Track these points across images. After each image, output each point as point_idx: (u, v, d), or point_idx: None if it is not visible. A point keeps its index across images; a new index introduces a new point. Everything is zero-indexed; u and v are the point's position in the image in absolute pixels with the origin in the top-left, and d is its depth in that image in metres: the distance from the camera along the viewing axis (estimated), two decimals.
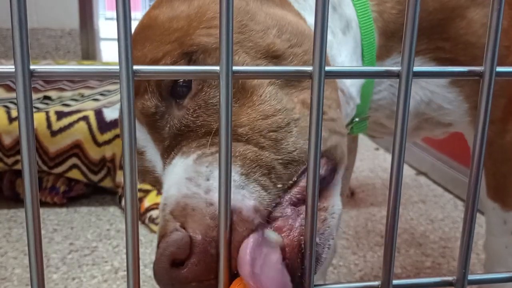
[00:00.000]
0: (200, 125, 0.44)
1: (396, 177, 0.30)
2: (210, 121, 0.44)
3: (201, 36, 0.45)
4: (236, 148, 0.42)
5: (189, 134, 0.44)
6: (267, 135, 0.43)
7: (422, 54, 0.61)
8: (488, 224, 0.72)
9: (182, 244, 0.37)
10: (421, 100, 0.63)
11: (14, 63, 0.25)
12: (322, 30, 0.27)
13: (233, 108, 0.41)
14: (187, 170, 0.42)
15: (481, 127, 0.31)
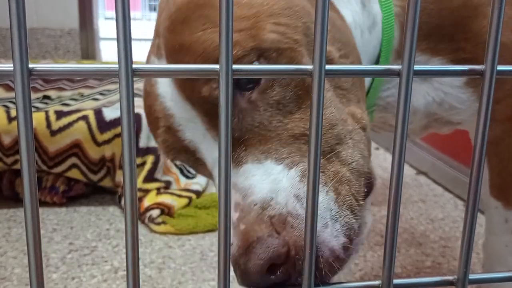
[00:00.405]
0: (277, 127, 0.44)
1: (397, 177, 0.30)
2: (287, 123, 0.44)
3: (273, 33, 0.43)
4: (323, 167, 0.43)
5: (265, 134, 0.44)
6: (333, 147, 0.45)
7: (442, 54, 0.60)
8: (489, 223, 0.72)
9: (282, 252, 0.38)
10: (433, 101, 0.62)
11: (13, 62, 0.25)
12: (322, 30, 0.27)
13: (301, 110, 0.44)
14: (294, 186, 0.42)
15: (481, 126, 0.30)
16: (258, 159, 0.43)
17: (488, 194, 0.71)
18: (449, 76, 0.57)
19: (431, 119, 0.66)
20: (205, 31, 0.43)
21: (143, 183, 1.24)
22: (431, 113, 0.64)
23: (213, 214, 1.18)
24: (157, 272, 0.95)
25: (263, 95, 0.44)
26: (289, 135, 0.44)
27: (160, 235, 1.10)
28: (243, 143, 0.44)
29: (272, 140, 0.44)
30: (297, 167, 0.43)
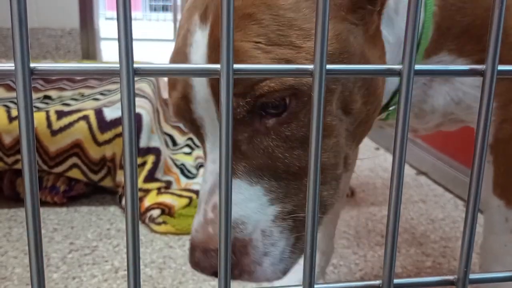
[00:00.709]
0: (277, 158, 0.47)
1: (397, 177, 0.30)
2: (286, 157, 0.47)
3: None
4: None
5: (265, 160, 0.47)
6: (325, 181, 0.49)
7: (468, 55, 0.60)
8: (489, 222, 0.72)
9: None
10: (451, 100, 0.63)
11: (14, 61, 0.25)
12: (323, 29, 0.27)
13: (302, 149, 0.47)
14: (266, 222, 0.47)
15: (482, 126, 0.30)
16: (251, 180, 0.47)
17: (490, 193, 0.70)
18: (450, 76, 0.57)
19: (446, 119, 0.67)
20: (257, 46, 0.43)
21: (144, 183, 1.24)
22: (448, 113, 0.65)
23: None
24: (158, 272, 0.95)
25: (280, 125, 0.46)
26: (284, 170, 0.47)
27: (161, 235, 1.10)
28: (244, 158, 0.47)
29: (269, 169, 0.47)
30: (277, 206, 0.47)
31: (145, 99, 1.40)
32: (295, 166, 0.47)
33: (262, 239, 0.47)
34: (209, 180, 0.48)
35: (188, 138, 1.68)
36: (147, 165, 1.26)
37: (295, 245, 0.48)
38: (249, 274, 0.47)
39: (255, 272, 0.47)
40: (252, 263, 0.47)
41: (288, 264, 0.48)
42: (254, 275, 0.47)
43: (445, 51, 0.60)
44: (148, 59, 3.66)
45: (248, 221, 0.46)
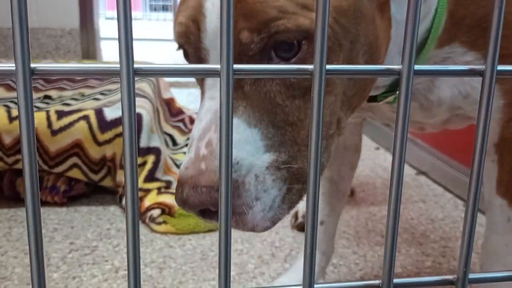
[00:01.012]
0: (278, 104, 0.46)
1: (397, 177, 0.30)
2: (286, 105, 0.46)
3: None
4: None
5: (266, 104, 0.46)
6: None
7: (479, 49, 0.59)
8: (491, 222, 0.71)
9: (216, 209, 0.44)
10: (458, 93, 0.62)
11: (15, 61, 0.25)
12: (323, 28, 0.27)
13: (303, 100, 0.47)
14: (260, 168, 0.46)
15: (482, 126, 0.30)
16: (249, 122, 0.45)
17: (493, 192, 0.70)
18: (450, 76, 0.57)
19: (453, 114, 0.66)
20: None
21: (144, 182, 1.24)
22: (455, 107, 0.64)
23: None
24: (158, 271, 0.95)
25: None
26: (283, 118, 0.46)
27: (161, 235, 1.10)
28: (246, 99, 0.46)
29: (268, 114, 0.46)
30: (272, 154, 0.46)
31: (145, 99, 1.40)
32: (294, 116, 0.47)
33: (255, 183, 0.45)
34: (205, 117, 0.46)
35: (188, 138, 1.68)
36: (147, 165, 1.27)
37: (286, 196, 0.47)
38: (239, 216, 0.45)
39: (245, 215, 0.45)
40: (243, 205, 0.45)
41: (277, 214, 0.47)
42: (243, 218, 0.45)
43: (457, 42, 0.59)
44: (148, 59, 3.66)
45: (243, 162, 0.45)
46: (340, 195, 0.86)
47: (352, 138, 0.83)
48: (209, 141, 0.45)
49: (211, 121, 0.46)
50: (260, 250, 1.04)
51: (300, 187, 0.48)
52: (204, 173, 0.44)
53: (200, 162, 0.45)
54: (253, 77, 0.45)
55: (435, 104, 0.64)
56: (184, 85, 2.89)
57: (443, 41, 0.59)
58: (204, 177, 0.44)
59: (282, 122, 0.46)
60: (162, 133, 1.53)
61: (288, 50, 0.45)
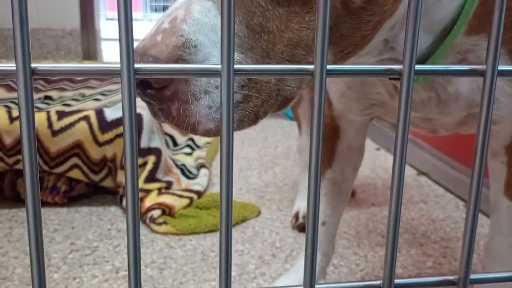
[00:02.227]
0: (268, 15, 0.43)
1: (398, 177, 0.30)
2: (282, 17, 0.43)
3: None
4: None
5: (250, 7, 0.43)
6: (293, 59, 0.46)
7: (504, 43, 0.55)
8: (496, 224, 0.71)
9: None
10: (477, 88, 0.59)
11: (15, 61, 0.25)
12: (323, 28, 0.27)
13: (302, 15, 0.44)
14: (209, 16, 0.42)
15: (483, 126, 0.30)
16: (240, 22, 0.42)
17: (501, 193, 0.69)
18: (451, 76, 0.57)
19: (470, 112, 0.62)
20: None
21: (144, 183, 1.24)
22: (473, 104, 0.61)
23: (214, 214, 1.18)
24: (158, 272, 0.95)
25: None
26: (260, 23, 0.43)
27: (161, 236, 1.10)
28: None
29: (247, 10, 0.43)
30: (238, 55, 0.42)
31: None
32: (273, 24, 0.43)
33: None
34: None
35: (189, 139, 1.68)
36: (148, 166, 1.27)
37: (241, 103, 0.43)
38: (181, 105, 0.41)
39: (188, 104, 0.41)
40: (189, 93, 0.41)
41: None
42: (186, 108, 0.41)
43: (485, 33, 0.55)
44: None
45: (201, 48, 0.41)
46: (343, 196, 0.86)
47: (357, 139, 0.82)
48: (174, 17, 0.42)
49: (185, 1, 0.43)
50: (260, 250, 1.04)
51: (259, 102, 0.44)
52: (157, 44, 0.41)
53: (158, 35, 0.41)
54: (253, 76, 0.44)
55: (452, 96, 0.60)
56: None
57: (472, 28, 0.55)
58: (155, 48, 0.41)
59: (259, 26, 0.43)
60: (163, 134, 1.53)
61: None
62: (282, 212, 1.24)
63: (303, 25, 0.44)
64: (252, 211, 1.22)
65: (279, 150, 1.79)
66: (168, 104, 0.42)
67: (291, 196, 1.34)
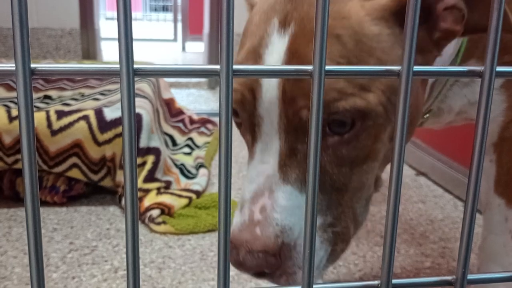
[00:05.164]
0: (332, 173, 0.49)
1: (396, 177, 0.30)
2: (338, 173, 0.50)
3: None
4: None
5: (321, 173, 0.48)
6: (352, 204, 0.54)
7: None
8: (489, 222, 0.72)
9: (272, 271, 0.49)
10: (467, 101, 0.67)
11: (15, 61, 0.25)
12: (322, 28, 0.27)
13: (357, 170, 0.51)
14: None
15: (481, 127, 0.31)
16: (301, 189, 0.48)
17: (491, 192, 0.70)
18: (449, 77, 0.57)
19: (458, 117, 0.70)
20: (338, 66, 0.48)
21: (144, 183, 1.24)
22: (462, 112, 0.69)
23: (213, 214, 1.18)
24: (157, 271, 0.95)
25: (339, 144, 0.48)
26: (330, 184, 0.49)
27: (160, 235, 1.10)
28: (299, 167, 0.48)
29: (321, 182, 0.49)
30: (320, 217, 0.49)
31: (145, 99, 1.40)
32: (340, 182, 0.50)
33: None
34: (257, 180, 0.49)
35: (188, 138, 1.68)
36: (147, 165, 1.27)
37: (330, 255, 0.51)
38: (289, 276, 0.48)
39: (295, 275, 0.48)
40: (294, 266, 0.48)
41: (321, 271, 0.52)
42: (293, 278, 0.48)
43: (474, 58, 0.63)
44: (149, 59, 3.66)
45: (295, 227, 0.47)
46: None
47: None
48: (263, 206, 0.47)
49: (264, 185, 0.48)
50: None
51: (343, 247, 0.52)
52: (260, 238, 0.47)
53: (254, 226, 0.47)
54: (253, 77, 0.45)
55: (445, 111, 0.68)
56: (184, 85, 2.89)
57: (464, 59, 0.63)
58: (260, 242, 0.46)
59: (330, 187, 0.49)
60: (162, 133, 1.53)
61: (342, 125, 0.48)
62: None
63: (363, 174, 0.51)
64: None
65: None
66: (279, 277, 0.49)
67: None
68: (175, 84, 2.82)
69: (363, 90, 0.47)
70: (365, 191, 0.53)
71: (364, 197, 0.53)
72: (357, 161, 0.50)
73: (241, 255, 0.47)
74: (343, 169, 0.49)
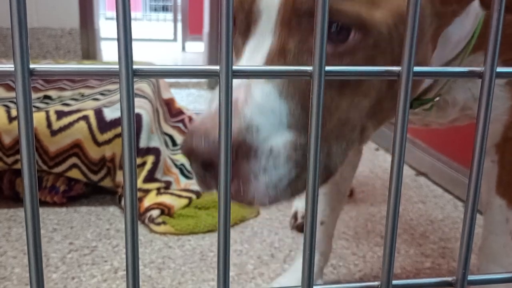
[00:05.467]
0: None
1: (396, 178, 0.30)
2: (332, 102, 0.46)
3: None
4: None
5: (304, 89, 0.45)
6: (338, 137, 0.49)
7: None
8: (489, 223, 0.72)
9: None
10: (471, 96, 0.64)
11: (14, 62, 0.25)
12: (322, 28, 0.27)
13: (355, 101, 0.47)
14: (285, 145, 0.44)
15: (481, 127, 0.30)
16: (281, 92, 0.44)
17: (493, 192, 0.70)
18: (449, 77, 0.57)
19: (463, 114, 0.68)
20: None
21: (143, 183, 1.24)
22: (466, 108, 0.66)
23: (213, 214, 1.18)
24: (157, 272, 0.95)
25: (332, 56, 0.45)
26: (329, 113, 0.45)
27: (160, 235, 1.10)
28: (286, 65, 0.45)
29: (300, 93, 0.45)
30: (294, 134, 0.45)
31: (145, 99, 1.40)
32: (325, 104, 0.46)
33: (267, 154, 0.44)
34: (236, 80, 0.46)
35: None
36: (147, 166, 1.26)
37: (293, 180, 0.46)
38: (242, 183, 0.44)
39: (248, 183, 0.44)
40: (249, 172, 0.43)
41: (279, 195, 0.45)
42: (245, 186, 0.44)
43: (482, 51, 0.61)
44: (149, 59, 3.66)
45: (262, 129, 0.43)
46: (341, 196, 0.86)
47: None
48: (235, 99, 0.43)
49: (243, 81, 0.44)
50: (259, 250, 1.04)
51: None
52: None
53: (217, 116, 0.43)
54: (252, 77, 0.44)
55: (450, 104, 0.66)
56: (184, 85, 2.89)
57: (474, 48, 0.61)
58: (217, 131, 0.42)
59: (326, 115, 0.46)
60: (162, 134, 1.53)
61: (339, 34, 0.44)
62: (281, 212, 1.24)
63: (350, 107, 0.47)
64: (251, 211, 1.22)
65: None
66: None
67: None
68: (175, 84, 2.82)
69: (372, 4, 0.44)
70: (348, 132, 0.48)
71: (345, 139, 0.48)
72: (347, 87, 0.46)
73: (195, 141, 0.42)
74: (331, 91, 0.46)
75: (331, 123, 0.46)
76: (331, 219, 0.87)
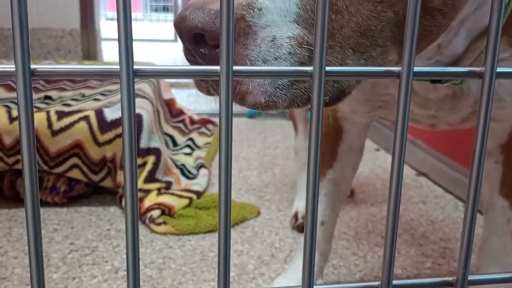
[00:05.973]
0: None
1: (397, 178, 0.30)
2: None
3: None
4: None
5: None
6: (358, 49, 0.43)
7: None
8: (491, 223, 0.71)
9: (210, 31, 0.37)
10: None
11: (15, 63, 0.25)
12: (322, 29, 0.27)
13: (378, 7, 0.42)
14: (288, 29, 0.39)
15: (481, 127, 0.31)
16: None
17: (496, 193, 0.70)
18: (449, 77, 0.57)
19: (474, 110, 0.63)
20: None
21: (144, 183, 1.24)
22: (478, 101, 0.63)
23: (214, 214, 1.18)
24: (158, 272, 0.95)
25: None
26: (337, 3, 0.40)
27: (161, 236, 1.10)
28: None
29: None
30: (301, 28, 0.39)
31: (145, 99, 1.40)
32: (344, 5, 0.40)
33: (268, 42, 0.38)
34: None
35: (189, 139, 1.68)
36: (148, 166, 1.27)
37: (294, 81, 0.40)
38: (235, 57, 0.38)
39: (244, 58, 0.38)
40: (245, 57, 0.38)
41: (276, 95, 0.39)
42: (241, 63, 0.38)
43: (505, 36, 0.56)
44: (149, 59, 3.66)
45: (266, 13, 0.38)
46: (341, 196, 0.86)
47: (358, 140, 0.83)
48: None
49: None
50: (260, 251, 1.04)
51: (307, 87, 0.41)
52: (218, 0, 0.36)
53: None
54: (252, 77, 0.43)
55: (464, 93, 0.61)
56: (184, 86, 2.89)
57: (505, 26, 0.55)
58: (217, 3, 0.37)
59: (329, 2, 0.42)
60: (163, 134, 1.53)
61: None
62: (281, 213, 1.24)
63: (373, 14, 0.42)
64: (252, 211, 1.22)
65: (278, 151, 1.79)
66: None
67: (291, 197, 1.34)
68: (176, 85, 2.82)
69: None
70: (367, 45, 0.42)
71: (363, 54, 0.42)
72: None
73: (189, 10, 0.37)
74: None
75: (348, 28, 0.41)
76: (332, 219, 0.87)
